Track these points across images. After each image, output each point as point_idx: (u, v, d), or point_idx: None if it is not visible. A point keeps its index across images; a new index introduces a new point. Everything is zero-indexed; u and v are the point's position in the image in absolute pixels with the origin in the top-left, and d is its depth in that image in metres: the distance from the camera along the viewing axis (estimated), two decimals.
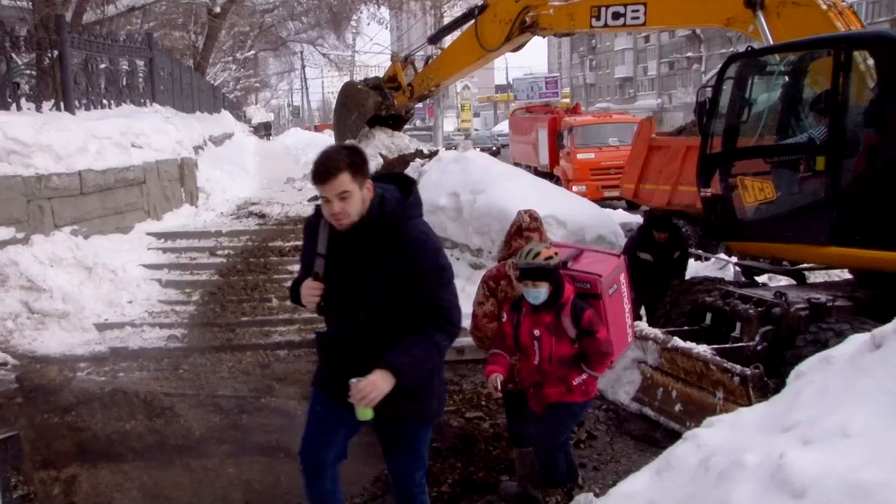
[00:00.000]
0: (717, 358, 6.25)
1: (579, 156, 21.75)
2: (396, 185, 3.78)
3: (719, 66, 8.63)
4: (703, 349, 6.45)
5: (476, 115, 69.20)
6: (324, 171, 3.44)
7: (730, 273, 9.09)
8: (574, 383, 4.78)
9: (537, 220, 5.35)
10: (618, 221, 10.98)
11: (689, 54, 69.49)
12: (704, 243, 11.90)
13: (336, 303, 3.66)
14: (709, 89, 8.11)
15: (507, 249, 5.33)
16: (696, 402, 6.38)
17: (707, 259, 10.12)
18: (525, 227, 5.29)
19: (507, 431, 6.23)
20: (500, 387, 4.85)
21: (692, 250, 11.01)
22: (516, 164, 20.10)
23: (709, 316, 7.59)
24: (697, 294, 7.87)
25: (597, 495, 4.54)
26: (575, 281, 4.88)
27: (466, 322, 9.12)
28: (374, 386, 3.43)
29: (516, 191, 10.02)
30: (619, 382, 7.21)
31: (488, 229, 9.84)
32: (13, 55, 11.01)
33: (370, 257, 3.55)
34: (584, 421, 6.74)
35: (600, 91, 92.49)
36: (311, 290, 3.63)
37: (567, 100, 52.17)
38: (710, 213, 8.06)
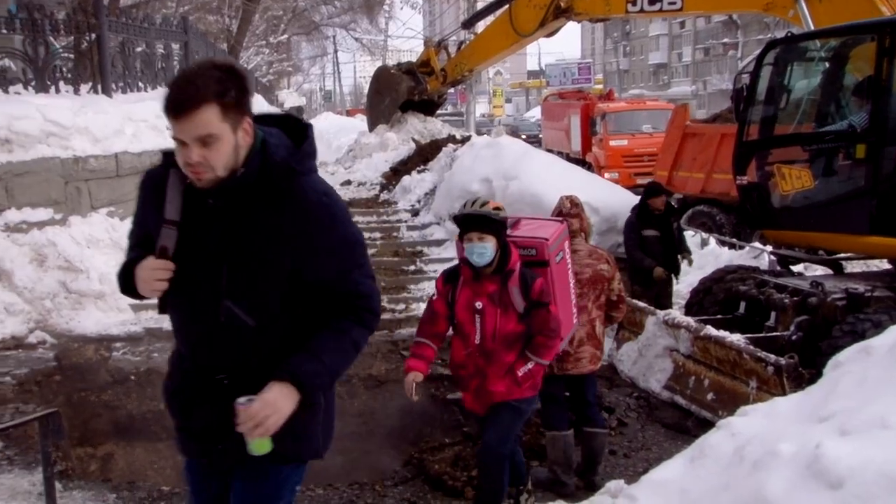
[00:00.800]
0: (751, 347, 6.19)
1: (612, 142, 21.60)
2: (280, 128, 2.58)
3: (756, 52, 8.51)
4: (736, 338, 6.39)
5: (508, 100, 68.90)
6: (182, 99, 2.28)
7: (764, 262, 8.98)
8: (520, 374, 4.30)
9: (578, 206, 5.36)
10: None
11: (726, 40, 68.48)
12: (739, 232, 11.79)
13: (191, 293, 2.50)
14: (746, 76, 8.01)
15: None
16: (728, 392, 6.33)
17: (741, 248, 10.01)
18: (566, 213, 5.32)
19: (538, 417, 6.26)
20: (415, 392, 4.28)
21: (726, 239, 10.91)
22: (548, 151, 19.97)
23: (742, 305, 7.51)
24: (731, 283, 7.79)
25: (627, 483, 4.52)
26: (518, 247, 4.41)
27: None
28: (272, 407, 2.37)
29: (549, 177, 9.99)
30: (651, 370, 7.18)
31: (521, 215, 9.79)
32: (52, 39, 11.13)
33: (249, 227, 2.43)
34: (614, 408, 6.72)
35: (634, 77, 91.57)
36: (156, 273, 2.44)
37: (600, 86, 51.84)
38: (746, 201, 7.98)
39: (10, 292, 8.82)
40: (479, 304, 4.26)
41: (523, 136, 22.28)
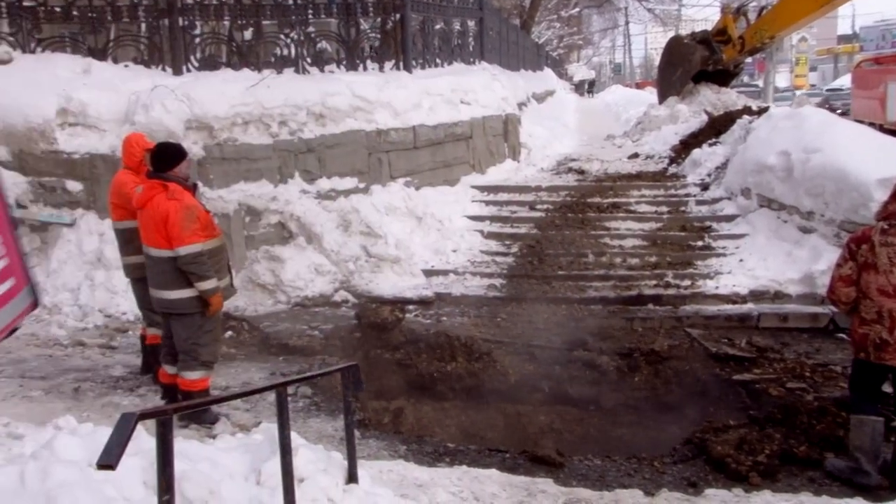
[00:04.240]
0: None
1: None
2: None
3: None
4: None
5: (812, 69, 63.86)
6: None
7: None
8: None
9: None
10: None
11: None
12: None
13: None
14: None
15: (882, 212, 4.96)
16: None
17: None
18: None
19: (834, 406, 5.84)
20: None
21: None
22: (858, 122, 18.23)
23: None
24: None
25: None
26: None
27: (800, 289, 8.53)
28: None
29: (858, 150, 9.10)
30: None
31: (822, 191, 9.05)
32: (362, 20, 11.98)
33: None
34: None
35: None
36: None
37: None
38: None
39: (320, 254, 9.69)
40: None
41: (838, 112, 20.33)
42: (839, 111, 21.33)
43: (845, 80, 41.49)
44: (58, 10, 10.77)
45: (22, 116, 9.29)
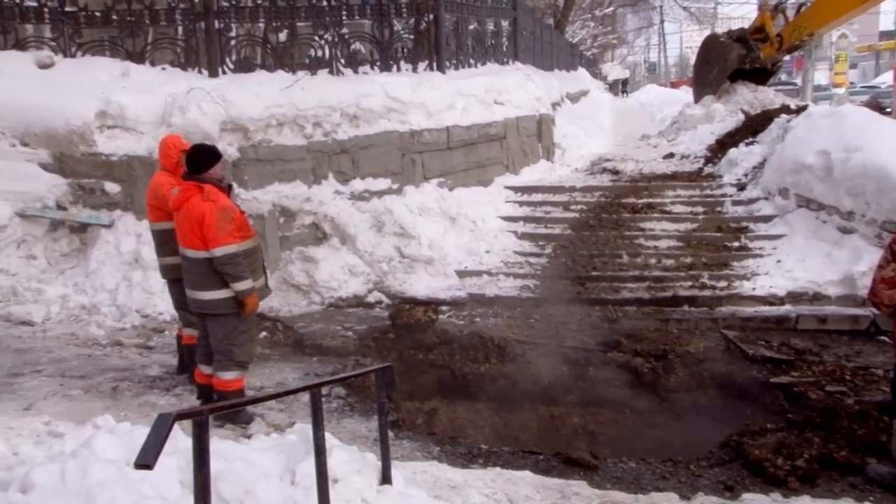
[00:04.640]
0: None
1: None
2: None
3: None
4: None
5: (853, 66, 62.79)
6: None
7: None
8: None
9: None
10: None
11: None
12: None
13: None
14: None
15: None
16: None
17: None
18: None
19: (876, 410, 5.75)
20: None
21: None
22: None
23: None
24: None
25: None
26: None
27: (824, 289, 8.43)
28: None
29: None
30: None
31: (862, 190, 8.91)
32: (395, 21, 12.01)
33: None
34: None
35: None
36: None
37: None
38: None
39: (354, 255, 9.72)
40: None
41: (887, 110, 19.82)
42: (888, 109, 20.86)
43: (886, 77, 40.76)
44: (97, 14, 10.94)
45: (63, 119, 9.45)
